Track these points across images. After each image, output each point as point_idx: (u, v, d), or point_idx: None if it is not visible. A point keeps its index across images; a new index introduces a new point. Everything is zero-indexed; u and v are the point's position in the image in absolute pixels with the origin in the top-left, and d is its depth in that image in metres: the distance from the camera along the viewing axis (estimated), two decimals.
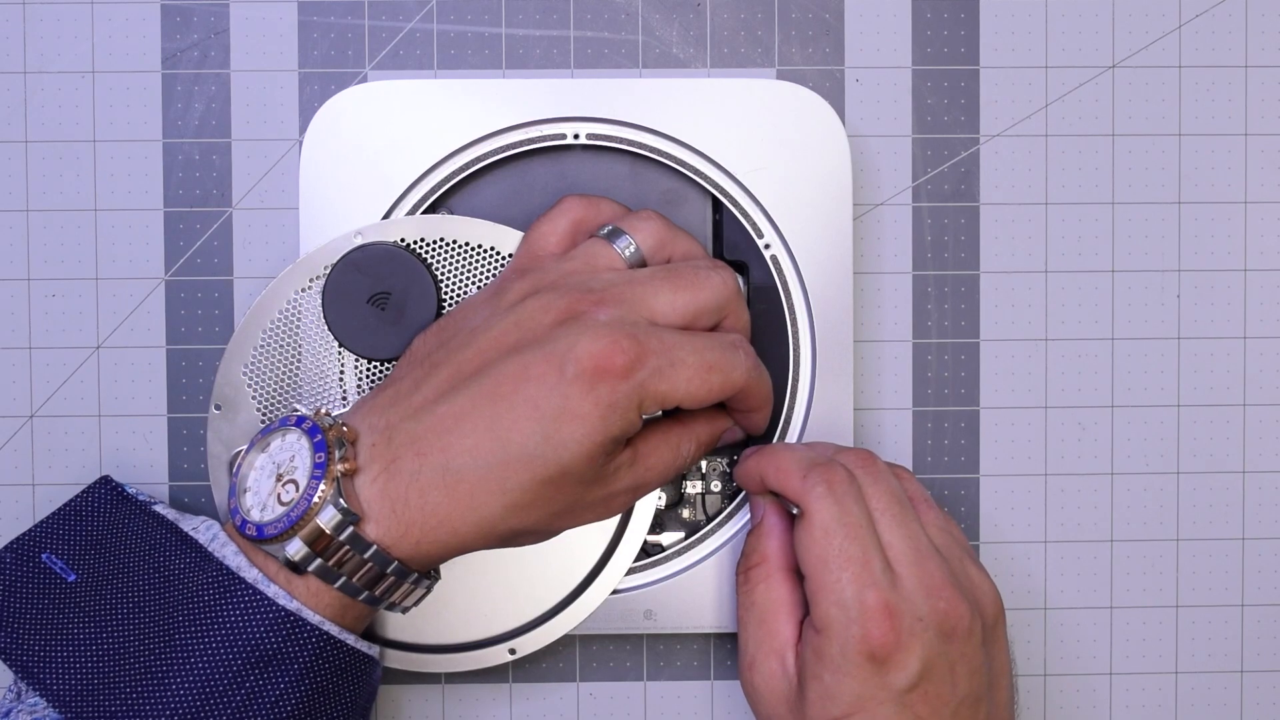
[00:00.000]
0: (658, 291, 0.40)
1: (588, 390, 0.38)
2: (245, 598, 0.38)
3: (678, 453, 0.42)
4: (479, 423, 0.38)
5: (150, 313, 0.48)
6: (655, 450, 0.41)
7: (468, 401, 0.38)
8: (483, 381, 0.38)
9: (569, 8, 0.48)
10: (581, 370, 0.38)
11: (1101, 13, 0.49)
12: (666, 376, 0.39)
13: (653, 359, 0.38)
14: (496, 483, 0.38)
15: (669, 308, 0.40)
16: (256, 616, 0.37)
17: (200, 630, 0.37)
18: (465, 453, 0.38)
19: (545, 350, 0.38)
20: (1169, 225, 0.49)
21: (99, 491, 0.42)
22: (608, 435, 0.38)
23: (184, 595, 0.38)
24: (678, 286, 0.41)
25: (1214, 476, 0.49)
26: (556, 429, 0.38)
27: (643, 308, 0.40)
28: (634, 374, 0.38)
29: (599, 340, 0.38)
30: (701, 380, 0.39)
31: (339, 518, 0.37)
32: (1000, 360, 0.49)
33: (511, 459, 0.38)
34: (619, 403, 0.38)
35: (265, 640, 0.37)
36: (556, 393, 0.38)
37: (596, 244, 0.42)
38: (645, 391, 0.38)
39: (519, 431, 0.38)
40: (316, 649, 0.38)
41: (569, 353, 0.38)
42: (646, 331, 0.39)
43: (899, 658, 0.39)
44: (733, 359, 0.40)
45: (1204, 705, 0.49)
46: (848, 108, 0.49)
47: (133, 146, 0.48)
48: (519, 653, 0.45)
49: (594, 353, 0.38)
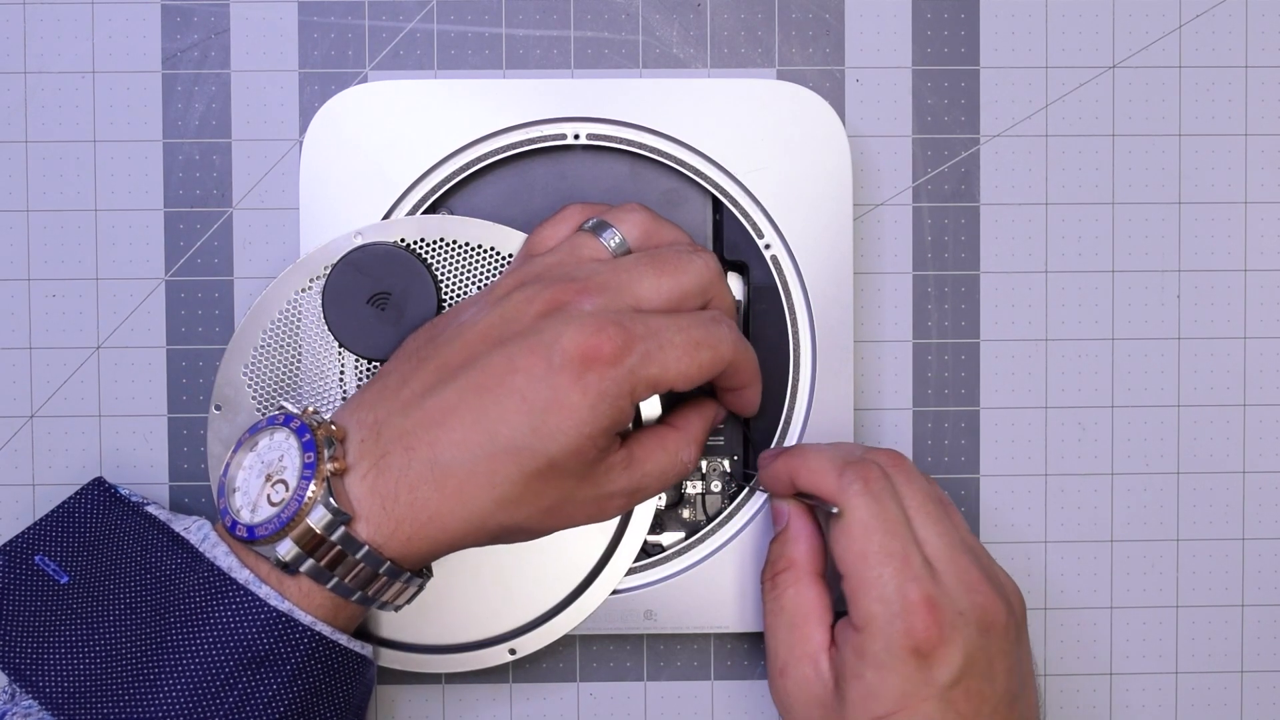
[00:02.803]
0: (641, 277, 0.40)
1: (575, 380, 0.37)
2: (237, 599, 0.37)
3: (675, 458, 0.42)
4: (466, 416, 0.38)
5: (150, 313, 0.48)
6: (651, 454, 0.41)
7: (455, 395, 0.38)
8: (470, 374, 0.38)
9: (569, 8, 0.48)
10: (568, 360, 0.37)
11: (1101, 13, 0.49)
12: (655, 359, 0.38)
13: (640, 344, 0.38)
14: (485, 476, 0.37)
15: (653, 293, 0.40)
16: (248, 618, 0.37)
17: (192, 631, 0.37)
18: (453, 446, 0.37)
19: (531, 341, 0.38)
20: (1169, 225, 0.49)
21: (92, 493, 0.42)
22: (598, 426, 0.38)
23: (176, 596, 0.38)
24: (661, 271, 0.40)
25: (1214, 476, 0.49)
26: (544, 420, 0.37)
27: (627, 294, 0.39)
28: (622, 360, 0.38)
29: (585, 329, 0.37)
30: (690, 358, 0.39)
31: (330, 518, 0.37)
32: (1000, 360, 0.49)
33: (500, 451, 0.37)
34: (608, 391, 0.37)
35: (257, 641, 0.37)
36: (544, 383, 0.37)
37: (582, 237, 0.42)
38: (636, 377, 0.38)
39: (507, 424, 0.37)
40: (309, 650, 0.38)
41: (555, 343, 0.37)
42: (632, 317, 0.39)
43: (942, 652, 0.38)
44: (718, 333, 0.40)
45: (1204, 705, 0.49)
46: (848, 108, 0.49)
47: (133, 146, 0.48)
48: (519, 653, 0.45)
49: (580, 342, 0.37)
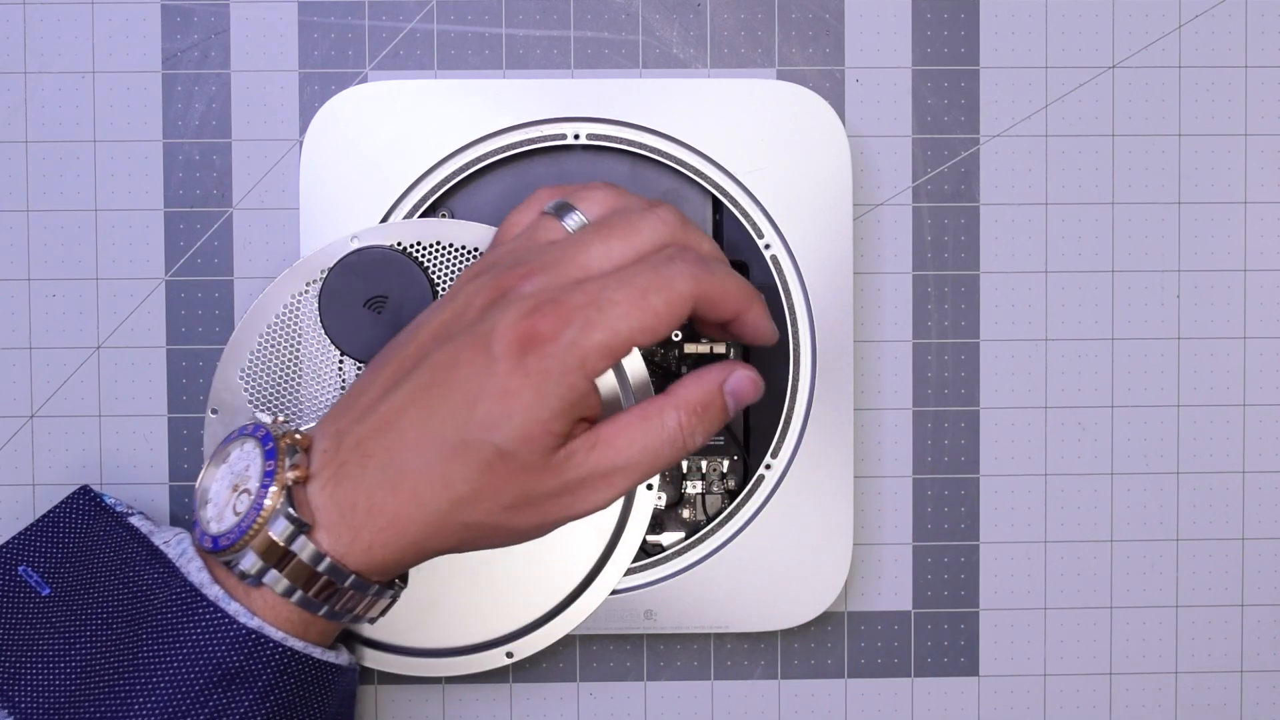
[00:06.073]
0: (588, 246, 0.37)
1: (516, 365, 0.35)
2: (207, 616, 0.37)
3: (660, 428, 0.37)
4: (416, 417, 0.36)
5: (150, 313, 0.48)
6: (624, 431, 0.37)
7: (405, 397, 0.37)
8: (418, 374, 0.37)
9: (569, 8, 0.48)
10: (507, 346, 0.35)
11: (1101, 13, 0.49)
12: (599, 323, 0.35)
13: (578, 314, 0.35)
14: (439, 476, 0.36)
15: (603, 260, 0.37)
16: (218, 635, 0.37)
17: (164, 649, 0.37)
18: (407, 448, 0.36)
19: (473, 333, 0.36)
20: (1169, 225, 0.49)
21: (78, 502, 0.42)
22: (547, 409, 0.35)
23: (150, 612, 0.38)
24: (609, 235, 0.38)
25: (1214, 476, 0.49)
26: (490, 411, 0.35)
27: (573, 268, 0.37)
28: (560, 335, 0.35)
29: (520, 311, 0.36)
30: (640, 308, 0.36)
31: (290, 528, 0.36)
32: (1000, 360, 0.49)
33: (450, 449, 0.36)
34: (552, 370, 0.35)
35: (227, 659, 0.36)
36: (486, 374, 0.35)
37: (543, 220, 0.40)
38: (581, 349, 0.35)
39: (454, 420, 0.36)
40: (280, 666, 0.37)
41: (493, 331, 0.36)
42: (570, 289, 0.36)
43: None
44: (669, 272, 0.36)
45: (1204, 705, 0.49)
46: (848, 108, 0.49)
47: (133, 146, 0.48)
48: (519, 655, 0.45)
49: (515, 324, 0.35)
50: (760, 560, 0.46)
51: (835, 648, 0.49)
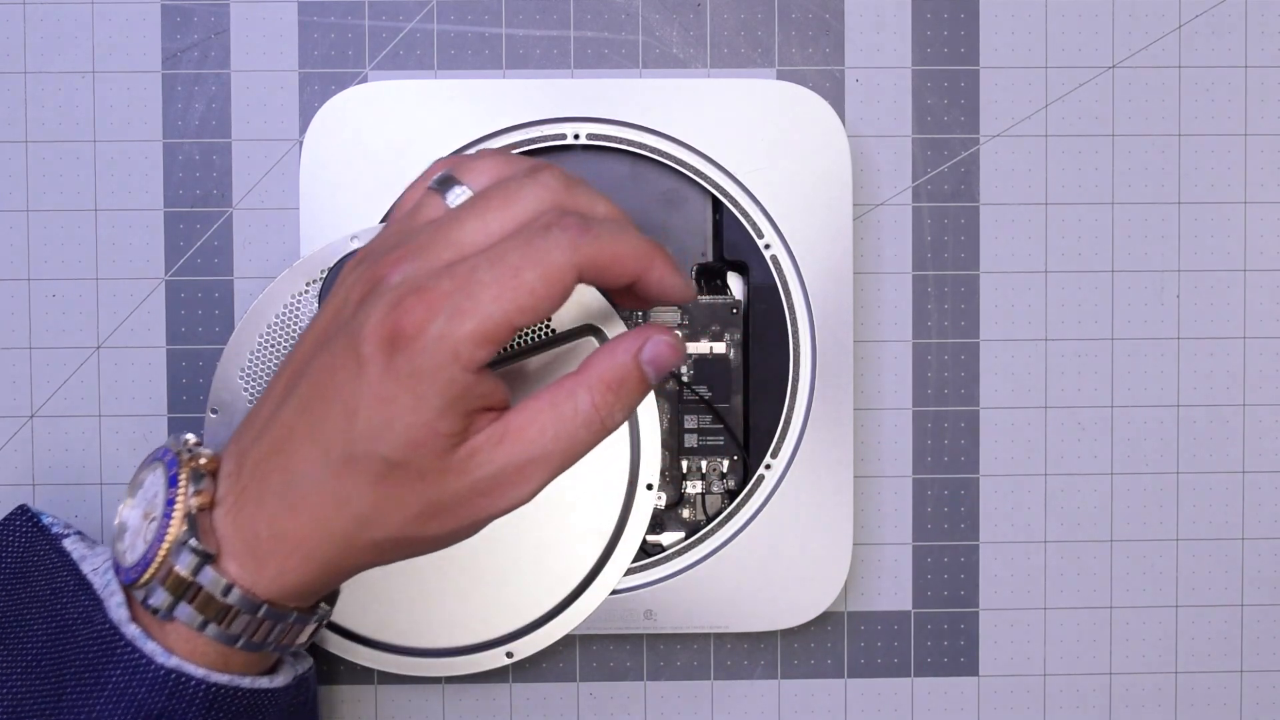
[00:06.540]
0: (462, 223, 0.34)
1: (386, 368, 0.32)
2: (125, 656, 0.35)
3: (574, 411, 0.34)
4: (303, 433, 0.34)
5: (150, 313, 0.48)
6: (534, 419, 0.34)
7: (291, 413, 0.34)
8: (301, 386, 0.34)
9: (569, 8, 0.48)
10: (375, 347, 0.32)
11: (1101, 13, 0.49)
12: (468, 310, 0.32)
13: (445, 302, 0.32)
14: (333, 495, 0.33)
15: (479, 236, 0.33)
16: (137, 677, 0.34)
17: (87, 692, 0.35)
18: (298, 467, 0.34)
19: (344, 336, 0.33)
20: (1169, 225, 0.49)
21: (15, 524, 0.40)
22: (429, 410, 0.32)
23: (74, 649, 0.35)
24: (485, 209, 0.34)
25: (1214, 476, 0.49)
26: (369, 421, 0.32)
27: (445, 249, 0.33)
28: (428, 328, 0.32)
29: (384, 307, 0.32)
30: (513, 288, 0.32)
31: (195, 559, 0.34)
32: (1000, 360, 0.49)
33: (339, 466, 0.33)
34: (424, 368, 0.32)
35: (148, 702, 0.34)
36: (359, 380, 0.32)
37: (426, 198, 0.36)
38: (452, 341, 0.32)
39: (339, 434, 0.33)
40: (206, 703, 0.35)
41: (359, 332, 0.32)
42: (437, 275, 0.32)
43: None
44: (543, 245, 0.32)
45: (1204, 705, 0.49)
46: (848, 108, 0.49)
47: (133, 146, 0.48)
48: (518, 655, 0.45)
49: (380, 322, 0.32)
50: (760, 560, 0.46)
51: (835, 647, 0.49)
